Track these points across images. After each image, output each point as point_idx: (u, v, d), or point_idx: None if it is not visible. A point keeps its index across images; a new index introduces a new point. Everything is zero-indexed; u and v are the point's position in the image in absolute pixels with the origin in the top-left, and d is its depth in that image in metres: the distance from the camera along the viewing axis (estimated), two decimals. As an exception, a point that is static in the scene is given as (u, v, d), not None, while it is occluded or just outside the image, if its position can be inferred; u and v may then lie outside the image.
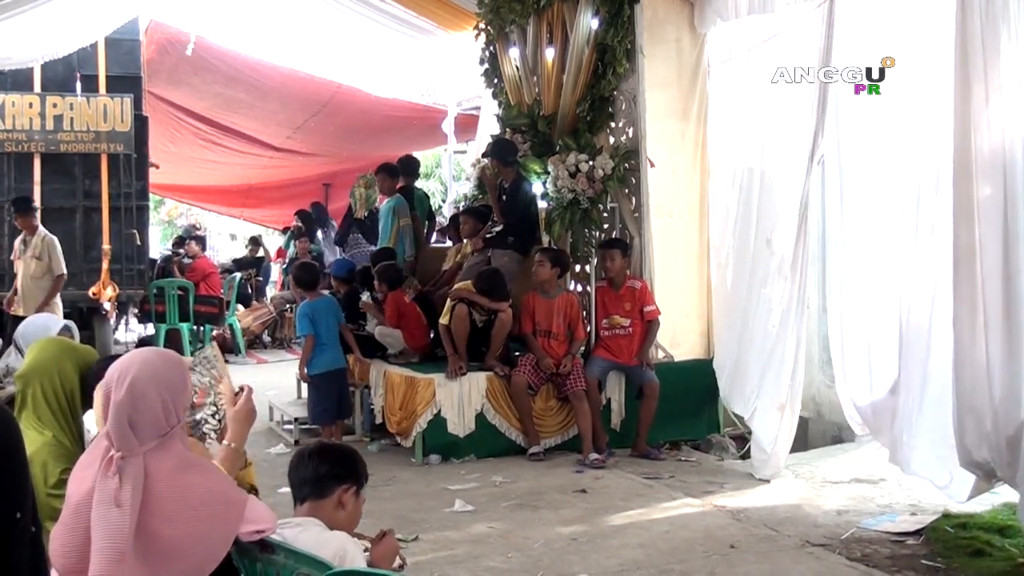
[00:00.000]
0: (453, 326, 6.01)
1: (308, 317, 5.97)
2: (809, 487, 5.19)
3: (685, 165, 6.54)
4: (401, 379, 6.09)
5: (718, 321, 6.44)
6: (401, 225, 7.61)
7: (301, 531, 2.25)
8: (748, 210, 5.96)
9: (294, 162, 12.46)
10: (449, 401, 5.85)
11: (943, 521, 4.36)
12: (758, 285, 5.76)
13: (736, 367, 5.97)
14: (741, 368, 5.92)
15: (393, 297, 6.48)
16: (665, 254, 6.47)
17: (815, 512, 4.70)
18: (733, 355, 6.03)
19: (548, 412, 6.08)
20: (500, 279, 6.06)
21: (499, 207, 6.85)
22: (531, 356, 6.01)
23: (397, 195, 7.70)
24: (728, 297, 6.20)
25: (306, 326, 5.96)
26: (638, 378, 6.09)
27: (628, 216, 6.41)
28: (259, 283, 12.19)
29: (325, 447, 2.49)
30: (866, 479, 5.27)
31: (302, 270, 6.34)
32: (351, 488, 2.40)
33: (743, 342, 5.91)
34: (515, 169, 6.72)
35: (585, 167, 6.24)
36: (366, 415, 6.62)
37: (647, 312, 6.11)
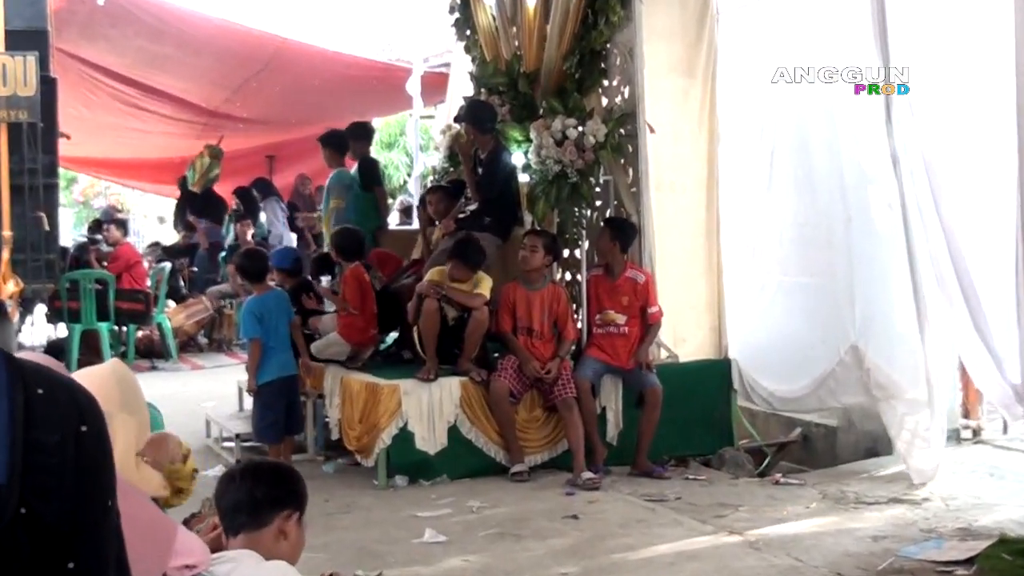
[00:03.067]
0: (420, 324, 5.97)
1: (255, 316, 5.89)
2: (839, 509, 5.18)
3: (690, 130, 6.51)
4: (361, 387, 6.05)
5: (739, 312, 6.42)
6: (332, 208, 7.57)
7: (235, 567, 2.22)
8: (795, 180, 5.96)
9: (233, 130, 12.31)
10: (417, 412, 5.82)
11: (999, 548, 4.34)
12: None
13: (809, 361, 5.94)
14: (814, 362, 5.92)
15: (353, 274, 6.41)
16: (667, 235, 6.45)
17: (846, 538, 4.69)
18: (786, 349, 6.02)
19: (533, 424, 6.07)
20: (478, 248, 6.03)
21: (474, 182, 6.81)
22: (512, 358, 5.99)
23: (336, 171, 7.68)
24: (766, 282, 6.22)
25: (253, 327, 5.88)
26: (637, 383, 6.07)
27: (624, 191, 6.39)
28: (193, 274, 12.07)
29: (258, 466, 2.47)
30: (906, 499, 5.26)
31: (247, 258, 6.24)
32: (293, 514, 2.36)
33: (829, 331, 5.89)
34: (492, 137, 6.68)
35: (573, 134, 6.20)
36: (319, 430, 6.59)
37: (650, 313, 6.11)
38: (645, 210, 6.29)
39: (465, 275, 5.98)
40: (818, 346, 6.10)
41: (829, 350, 6.03)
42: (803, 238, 6.23)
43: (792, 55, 5.99)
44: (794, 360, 6.27)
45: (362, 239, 6.67)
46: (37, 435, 1.12)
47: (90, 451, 1.17)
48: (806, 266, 6.22)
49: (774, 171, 6.40)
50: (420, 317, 5.96)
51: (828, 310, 6.07)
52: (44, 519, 1.12)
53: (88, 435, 1.17)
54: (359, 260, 6.51)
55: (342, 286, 6.42)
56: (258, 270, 6.12)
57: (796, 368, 6.25)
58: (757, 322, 6.54)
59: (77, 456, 1.14)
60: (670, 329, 6.41)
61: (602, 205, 6.63)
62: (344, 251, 6.49)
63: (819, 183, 6.12)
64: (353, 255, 6.49)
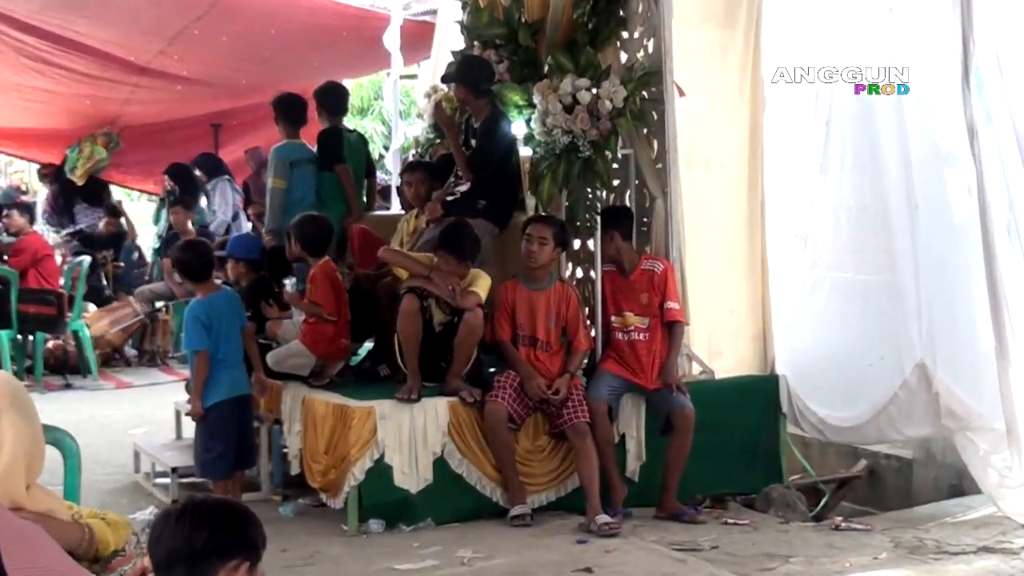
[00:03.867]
0: (398, 328, 5.98)
1: (202, 322, 5.89)
2: (915, 561, 5.18)
3: (729, 93, 6.53)
4: (327, 409, 6.06)
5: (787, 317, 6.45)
6: (272, 187, 7.58)
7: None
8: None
9: (170, 92, 12.26)
10: (396, 441, 5.81)
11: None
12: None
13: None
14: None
15: (324, 271, 6.40)
16: (701, 222, 6.47)
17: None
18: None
19: (537, 455, 6.08)
20: (472, 237, 6.06)
21: (465, 157, 6.81)
22: (512, 374, 5.99)
23: (283, 143, 7.70)
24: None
25: (199, 336, 5.88)
26: (664, 404, 6.07)
27: (647, 168, 6.39)
28: (119, 270, 12.07)
29: (201, 506, 2.43)
30: (1000, 547, 5.27)
31: (188, 251, 6.23)
32: (243, 563, 2.36)
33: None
34: (488, 101, 6.69)
35: (586, 97, 6.19)
36: (277, 463, 6.60)
37: (667, 310, 6.13)
38: (673, 192, 6.29)
39: (457, 271, 5.99)
40: (877, 363, 6.14)
41: (891, 368, 6.07)
42: (861, 227, 6.29)
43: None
44: (848, 380, 6.31)
45: (330, 229, 6.67)
46: None
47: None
48: (864, 262, 6.28)
49: (830, 144, 6.43)
50: (397, 319, 5.96)
51: (890, 318, 6.11)
52: None
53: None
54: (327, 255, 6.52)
55: (309, 286, 6.42)
56: (202, 266, 6.11)
57: (851, 390, 6.29)
58: (807, 330, 6.58)
59: None
60: (704, 339, 6.44)
61: (620, 185, 6.63)
62: (310, 244, 6.49)
63: (883, 160, 6.15)
64: (321, 248, 6.49)
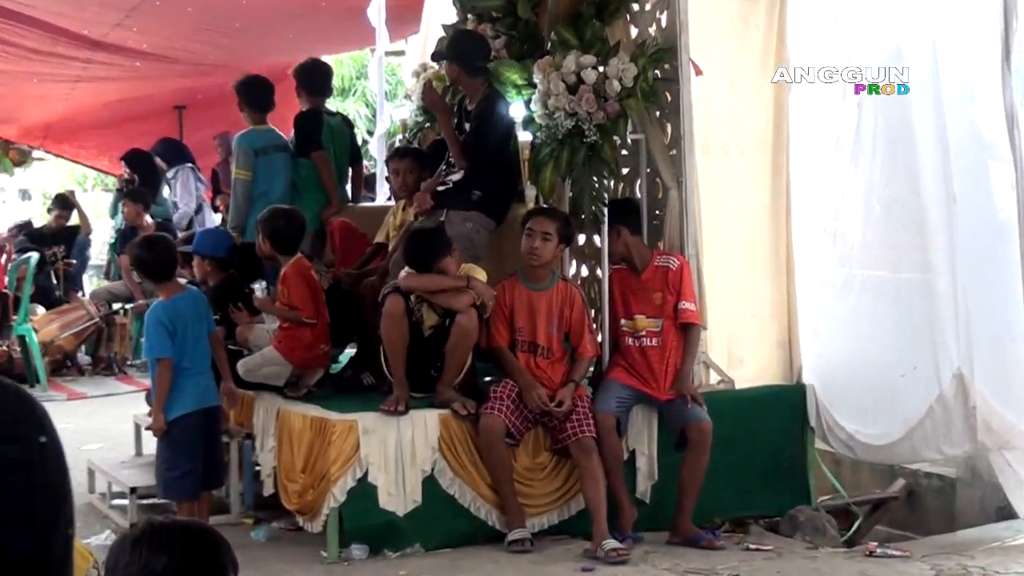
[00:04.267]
0: (383, 332, 5.97)
1: (165, 327, 5.88)
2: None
3: (751, 73, 6.54)
4: (305, 423, 6.06)
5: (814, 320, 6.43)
6: (235, 178, 7.59)
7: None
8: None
9: (128, 70, 12.26)
10: (381, 458, 5.81)
11: None
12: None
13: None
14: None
15: (297, 269, 6.38)
16: (720, 215, 6.48)
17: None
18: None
19: (538, 474, 6.08)
20: (438, 240, 6.03)
21: (458, 143, 6.81)
22: (509, 384, 5.99)
23: (246, 131, 7.74)
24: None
25: (162, 342, 5.86)
26: (679, 417, 6.06)
27: (660, 154, 6.39)
28: (70, 269, 12.04)
29: (161, 529, 2.39)
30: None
31: (148, 248, 6.19)
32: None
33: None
34: (483, 81, 6.68)
35: (592, 76, 6.19)
36: (248, 482, 6.61)
37: (681, 311, 6.13)
38: (688, 181, 6.29)
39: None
40: (910, 373, 6.14)
41: (925, 379, 6.06)
42: (892, 222, 6.29)
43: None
44: (879, 391, 6.31)
45: (303, 224, 6.67)
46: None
47: (54, 468, 1.28)
48: (896, 260, 6.27)
49: (862, 128, 6.43)
50: (381, 322, 5.95)
51: (925, 323, 6.11)
52: (9, 553, 1.20)
53: (50, 448, 1.27)
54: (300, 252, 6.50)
55: (281, 288, 6.40)
56: (164, 264, 6.08)
57: (882, 403, 6.29)
58: (836, 335, 6.57)
59: (42, 474, 1.24)
60: (723, 344, 6.44)
61: (630, 173, 6.62)
62: (281, 240, 6.47)
63: (917, 148, 6.15)
64: (292, 245, 6.48)
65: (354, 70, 16.58)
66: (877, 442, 6.31)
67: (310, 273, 6.47)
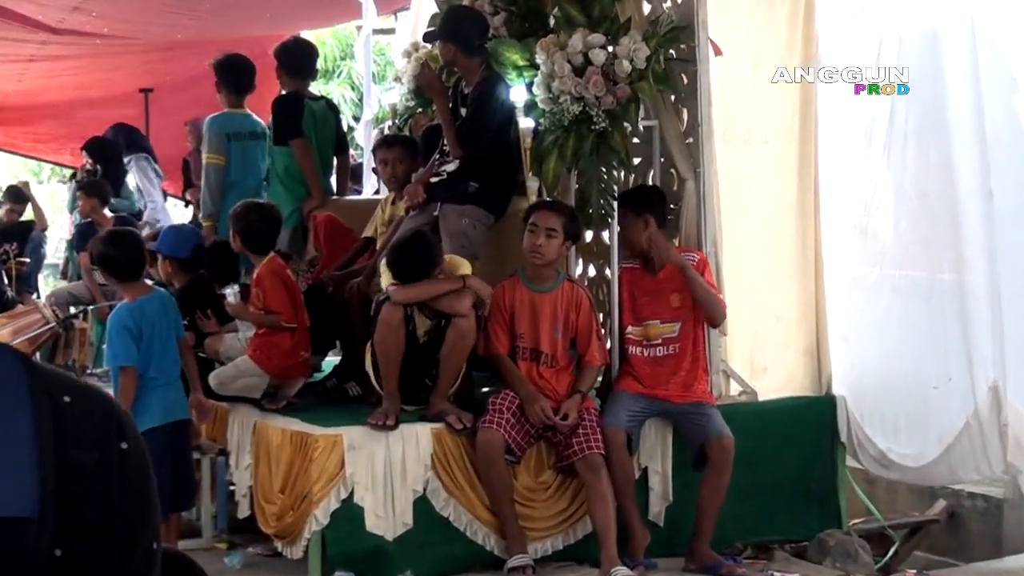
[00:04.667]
0: (377, 341, 5.99)
1: (129, 332, 5.89)
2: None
3: (776, 52, 6.56)
4: (284, 437, 6.07)
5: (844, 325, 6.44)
6: (207, 163, 7.66)
7: None
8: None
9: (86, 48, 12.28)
10: (368, 476, 5.82)
11: None
12: None
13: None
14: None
15: (271, 269, 6.40)
16: (741, 209, 6.52)
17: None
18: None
19: (540, 494, 6.11)
20: (426, 252, 6.02)
21: (454, 130, 6.82)
22: (509, 395, 6.00)
23: (220, 113, 7.80)
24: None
25: (126, 349, 5.87)
26: (697, 431, 6.09)
27: (675, 143, 6.42)
28: (24, 269, 12.05)
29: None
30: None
31: (113, 244, 6.19)
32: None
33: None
34: (481, 61, 6.69)
35: (600, 57, 6.20)
36: (221, 504, 6.63)
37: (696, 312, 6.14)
38: (706, 172, 6.31)
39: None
40: (944, 384, 6.16)
41: (960, 391, 6.07)
42: (925, 216, 6.31)
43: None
44: (912, 404, 6.34)
45: (278, 220, 6.70)
46: (71, 454, 1.23)
47: (135, 476, 1.31)
48: (928, 258, 6.30)
49: (895, 116, 6.46)
50: (376, 330, 5.96)
51: (958, 327, 6.13)
52: (85, 564, 1.21)
53: (131, 455, 1.30)
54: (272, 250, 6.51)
55: (256, 290, 6.40)
56: (131, 262, 6.07)
57: (915, 417, 6.31)
58: (867, 341, 6.59)
59: (121, 482, 1.27)
60: (745, 352, 6.47)
61: (642, 163, 6.63)
62: (254, 238, 6.49)
63: (951, 136, 6.17)
64: (267, 244, 6.51)
65: (338, 50, 16.57)
66: (911, 462, 6.33)
67: (286, 273, 6.50)
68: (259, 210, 6.61)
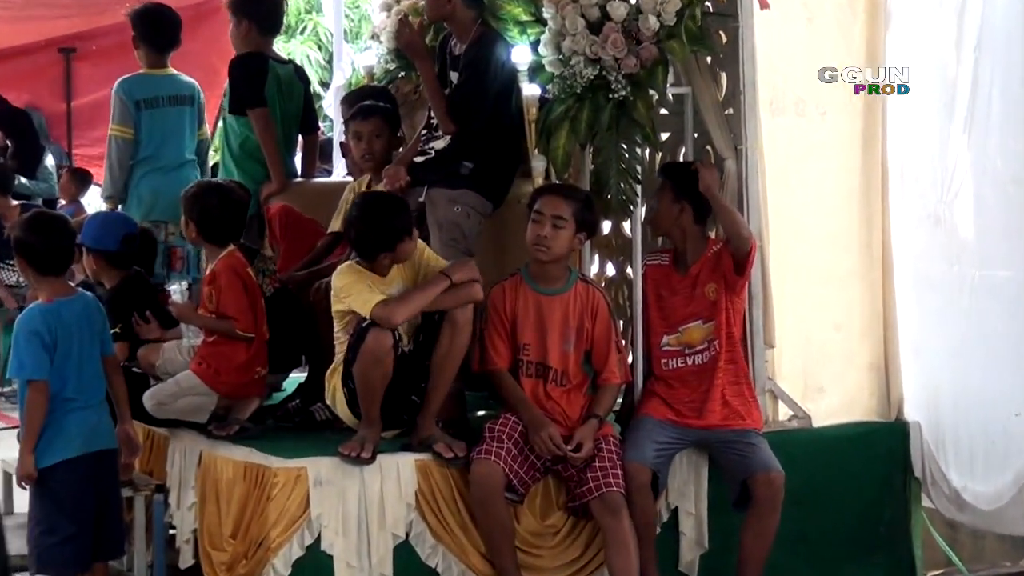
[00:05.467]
0: (359, 373, 5.92)
1: (40, 339, 5.91)
2: None
3: (835, 4, 6.61)
4: (235, 471, 6.06)
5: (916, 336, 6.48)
6: (111, 134, 7.80)
7: None
8: None
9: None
10: (338, 518, 5.84)
11: None
12: None
13: None
14: None
15: (229, 266, 6.41)
16: (792, 195, 6.55)
17: None
18: None
19: (548, 540, 6.14)
20: (392, 216, 6.01)
21: (443, 100, 6.84)
22: (510, 420, 6.03)
23: (133, 75, 7.96)
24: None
25: (36, 358, 5.85)
26: (739, 464, 6.12)
27: (713, 114, 6.45)
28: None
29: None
30: None
31: (36, 230, 6.13)
32: None
33: None
34: (476, 17, 6.73)
35: (621, 11, 6.22)
36: (159, 551, 6.58)
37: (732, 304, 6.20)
38: (750, 150, 6.35)
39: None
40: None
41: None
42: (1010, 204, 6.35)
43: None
44: (991, 433, 6.38)
45: (242, 205, 6.70)
46: None
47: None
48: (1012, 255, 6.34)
49: (978, 85, 6.49)
50: (359, 361, 5.90)
51: None
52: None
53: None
54: (234, 242, 6.54)
55: (209, 289, 6.41)
56: (56, 253, 6.08)
57: (993, 450, 6.35)
58: (942, 353, 6.64)
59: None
60: (797, 368, 6.51)
61: (671, 139, 6.68)
62: (214, 226, 6.49)
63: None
64: (231, 233, 6.53)
65: (303, 1, 16.61)
66: (985, 504, 6.38)
67: (247, 272, 6.49)
68: (218, 192, 6.58)
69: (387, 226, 5.93)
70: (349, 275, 5.95)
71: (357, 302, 5.86)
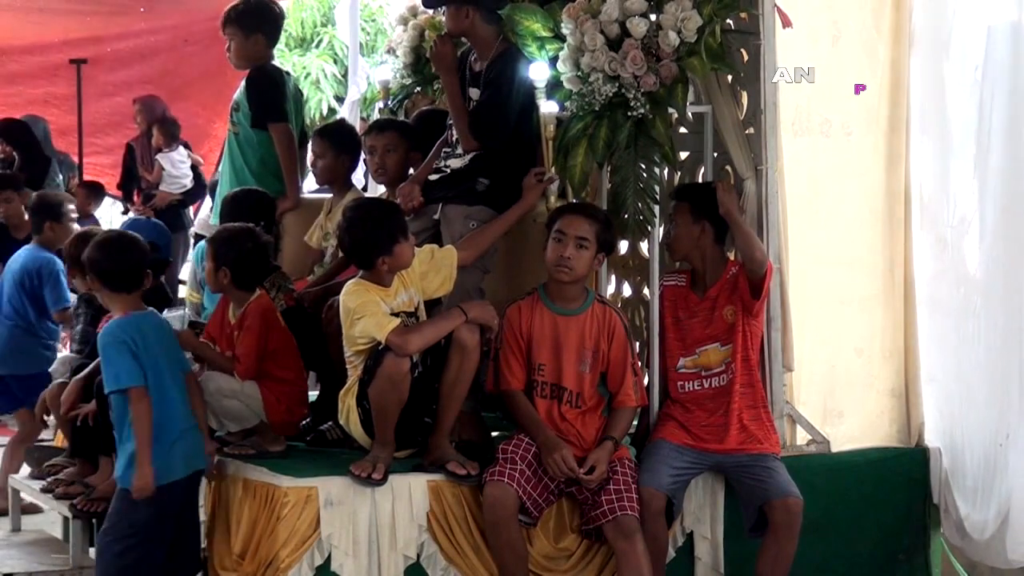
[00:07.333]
0: (375, 396, 5.92)
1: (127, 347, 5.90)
2: None
3: (860, 24, 6.61)
4: (245, 490, 6.09)
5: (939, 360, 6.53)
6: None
7: None
8: None
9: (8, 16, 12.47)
10: (349, 538, 5.85)
11: None
12: None
13: None
14: None
15: (260, 306, 6.41)
16: (814, 216, 6.54)
17: None
18: None
19: (561, 563, 6.15)
20: (384, 219, 6.01)
21: (465, 115, 6.84)
22: (523, 441, 6.03)
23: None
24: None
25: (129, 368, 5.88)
26: (756, 489, 6.12)
27: (733, 133, 6.46)
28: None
29: None
30: None
31: (103, 250, 6.11)
32: None
33: None
34: (498, 31, 6.75)
35: (641, 27, 6.22)
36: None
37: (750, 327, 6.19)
38: (771, 170, 6.35)
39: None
40: (1006, 439, 6.24)
41: (1019, 450, 6.16)
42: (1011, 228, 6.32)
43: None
44: (983, 460, 6.39)
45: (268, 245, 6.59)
46: None
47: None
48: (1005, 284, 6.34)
49: (983, 105, 6.47)
50: (375, 384, 5.87)
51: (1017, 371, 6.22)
52: None
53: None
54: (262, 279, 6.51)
55: (235, 332, 6.36)
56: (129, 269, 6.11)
57: (985, 477, 6.36)
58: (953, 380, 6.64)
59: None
60: (816, 392, 6.51)
61: (691, 158, 6.69)
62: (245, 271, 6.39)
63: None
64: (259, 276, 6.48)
65: (319, 14, 16.62)
66: (977, 534, 6.38)
67: (275, 316, 6.46)
68: (250, 235, 6.48)
69: (380, 229, 5.92)
70: (357, 294, 5.93)
71: (370, 326, 5.84)
